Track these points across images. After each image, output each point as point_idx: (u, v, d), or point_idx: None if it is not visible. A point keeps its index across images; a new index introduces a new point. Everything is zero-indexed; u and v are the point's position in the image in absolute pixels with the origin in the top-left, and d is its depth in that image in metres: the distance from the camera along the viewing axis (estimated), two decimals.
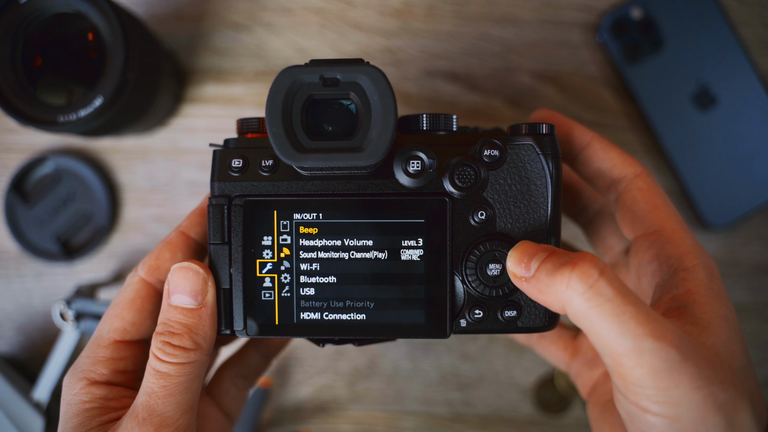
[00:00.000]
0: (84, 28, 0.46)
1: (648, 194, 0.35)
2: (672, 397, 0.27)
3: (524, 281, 0.31)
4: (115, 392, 0.35)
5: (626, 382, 0.28)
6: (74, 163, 0.56)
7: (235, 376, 0.42)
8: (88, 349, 0.35)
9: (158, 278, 0.36)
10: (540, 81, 0.57)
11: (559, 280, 0.28)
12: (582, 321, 0.28)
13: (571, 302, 0.28)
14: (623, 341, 0.27)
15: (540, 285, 0.30)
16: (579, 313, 0.28)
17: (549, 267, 0.29)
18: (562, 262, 0.29)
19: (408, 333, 0.35)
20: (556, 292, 0.29)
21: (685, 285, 0.32)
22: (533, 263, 0.30)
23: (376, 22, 0.57)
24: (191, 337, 0.33)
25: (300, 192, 0.34)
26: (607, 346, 0.28)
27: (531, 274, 0.30)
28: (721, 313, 0.30)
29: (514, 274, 0.31)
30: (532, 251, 0.31)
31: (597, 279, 0.27)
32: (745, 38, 0.56)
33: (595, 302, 0.27)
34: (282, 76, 0.30)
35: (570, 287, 0.28)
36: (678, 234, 0.34)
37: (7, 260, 0.58)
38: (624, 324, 0.27)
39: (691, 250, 0.33)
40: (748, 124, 0.55)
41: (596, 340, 0.28)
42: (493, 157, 0.34)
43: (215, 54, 0.57)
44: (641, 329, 0.27)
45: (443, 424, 0.58)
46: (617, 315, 0.27)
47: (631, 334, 0.27)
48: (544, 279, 0.29)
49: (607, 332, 0.27)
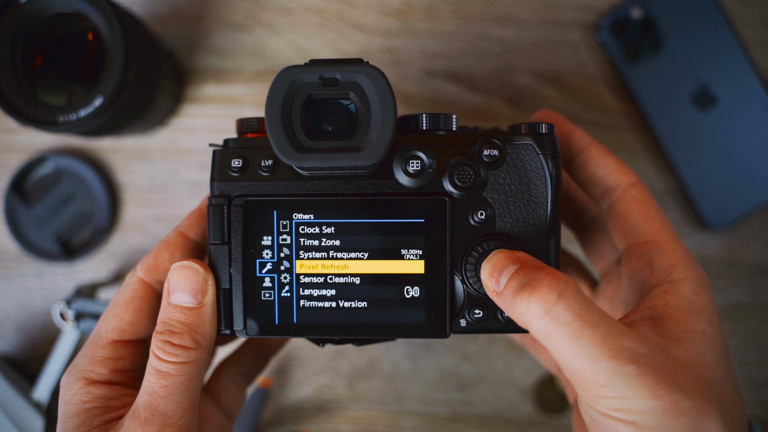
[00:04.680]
0: (84, 28, 0.46)
1: (642, 204, 0.35)
2: (631, 405, 0.27)
3: (495, 295, 0.31)
4: (115, 391, 0.35)
5: (586, 393, 0.28)
6: (74, 163, 0.56)
7: (234, 375, 0.42)
8: (86, 349, 0.35)
9: (156, 278, 0.36)
10: (540, 81, 0.57)
11: (518, 303, 0.29)
12: (542, 341, 0.29)
13: (530, 325, 0.29)
14: (579, 362, 0.28)
15: (505, 303, 0.30)
16: (538, 335, 0.29)
17: (513, 286, 0.29)
18: (524, 282, 0.29)
19: (408, 333, 0.35)
20: (517, 314, 0.29)
21: (664, 298, 0.32)
22: (502, 278, 0.30)
23: (376, 22, 0.57)
24: (191, 336, 0.33)
25: (300, 192, 0.34)
26: (563, 365, 0.28)
27: (500, 290, 0.30)
28: (695, 328, 0.31)
29: (487, 287, 0.32)
30: (502, 265, 0.31)
31: (555, 303, 0.28)
32: (745, 38, 0.56)
33: (552, 327, 0.28)
34: (281, 76, 0.30)
35: (528, 311, 0.28)
36: (670, 245, 0.34)
37: (7, 260, 0.58)
38: (580, 348, 0.27)
39: (681, 263, 0.33)
40: (748, 124, 0.55)
41: (556, 357, 0.29)
42: (493, 156, 0.34)
43: (215, 54, 0.57)
44: (597, 351, 0.27)
45: (443, 424, 0.58)
46: (573, 339, 0.28)
47: (586, 357, 0.27)
48: (509, 298, 0.30)
49: (564, 353, 0.28)
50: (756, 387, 0.57)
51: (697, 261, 0.34)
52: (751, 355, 0.57)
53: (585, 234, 0.43)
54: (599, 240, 0.41)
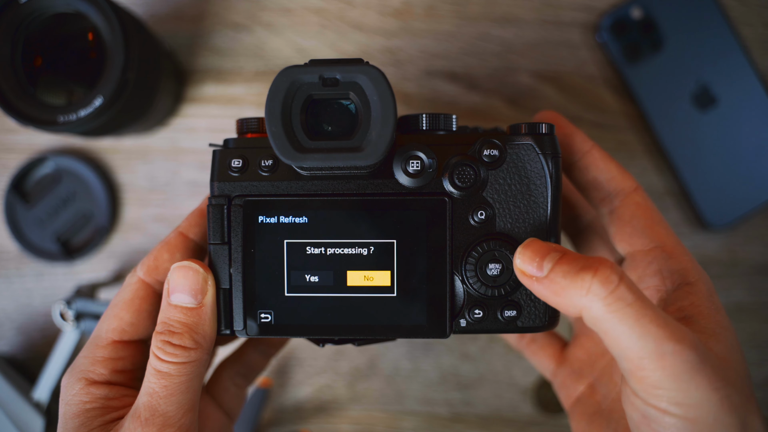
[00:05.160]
0: (84, 28, 0.46)
1: (646, 210, 0.36)
2: (692, 398, 0.27)
3: (535, 281, 0.30)
4: (115, 392, 0.35)
5: (645, 385, 0.28)
6: (74, 163, 0.56)
7: (234, 375, 0.42)
8: (87, 350, 0.35)
9: (157, 279, 0.36)
10: (540, 81, 0.57)
11: (579, 284, 0.28)
12: (600, 325, 0.28)
13: (590, 307, 0.28)
14: (644, 344, 0.27)
15: (555, 287, 0.29)
16: (598, 318, 0.28)
17: (566, 269, 0.29)
18: (580, 265, 0.29)
19: (408, 333, 0.34)
20: (573, 295, 0.29)
21: (689, 298, 0.32)
22: (546, 263, 0.30)
23: (376, 22, 0.57)
24: (191, 336, 0.33)
25: (300, 192, 0.34)
26: (627, 349, 0.28)
27: (544, 275, 0.30)
28: (724, 324, 0.31)
29: (524, 272, 0.31)
30: (544, 250, 0.31)
31: (617, 284, 0.28)
32: (745, 38, 0.56)
33: (616, 307, 0.27)
34: (281, 76, 0.30)
35: (591, 292, 0.28)
36: (677, 250, 0.34)
37: (7, 260, 0.58)
38: (644, 328, 0.27)
39: (692, 266, 0.34)
40: (748, 124, 0.55)
41: (614, 344, 0.28)
42: (493, 156, 0.34)
43: (215, 54, 0.57)
44: (661, 332, 0.27)
45: (443, 424, 0.58)
46: (638, 319, 0.27)
47: (652, 338, 0.27)
48: (560, 281, 0.29)
49: (627, 336, 0.27)
50: (756, 387, 0.57)
51: (697, 261, 0.35)
52: (751, 355, 0.57)
53: (580, 237, 0.43)
54: (596, 244, 0.41)
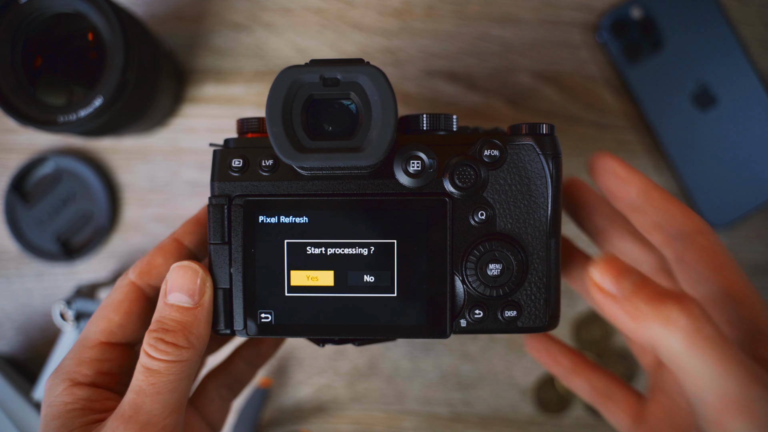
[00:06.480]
0: (84, 28, 0.46)
1: (712, 253, 0.33)
2: None
3: (611, 300, 0.28)
4: (99, 394, 0.34)
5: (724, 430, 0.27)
6: (74, 163, 0.56)
7: (219, 387, 0.41)
8: (73, 351, 0.35)
9: (148, 282, 0.36)
10: (540, 81, 0.57)
11: (662, 312, 0.27)
12: (679, 362, 0.27)
13: (670, 340, 0.27)
14: (727, 388, 0.26)
15: (633, 311, 0.27)
16: (678, 353, 0.27)
17: (648, 295, 0.27)
18: (664, 293, 0.27)
19: (408, 333, 0.34)
20: (652, 324, 0.27)
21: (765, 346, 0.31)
22: (626, 283, 0.28)
23: (376, 22, 0.57)
24: (185, 335, 0.33)
25: (300, 192, 0.34)
26: (707, 391, 0.26)
27: (621, 295, 0.28)
28: None
29: (600, 287, 0.29)
30: (621, 266, 0.28)
31: (703, 320, 0.26)
32: (745, 38, 0.56)
33: (700, 344, 0.26)
34: (282, 76, 0.30)
35: (673, 323, 0.26)
36: (748, 295, 0.32)
37: (7, 260, 0.58)
38: (729, 369, 0.26)
39: (765, 312, 0.32)
40: (748, 124, 0.55)
41: (693, 384, 0.27)
42: (493, 157, 0.34)
43: (215, 54, 0.57)
44: (747, 376, 0.26)
45: (443, 424, 0.58)
46: (722, 360, 0.26)
47: (736, 381, 0.26)
48: (641, 306, 0.27)
49: (709, 377, 0.26)
50: None
51: None
52: None
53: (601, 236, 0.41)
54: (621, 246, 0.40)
